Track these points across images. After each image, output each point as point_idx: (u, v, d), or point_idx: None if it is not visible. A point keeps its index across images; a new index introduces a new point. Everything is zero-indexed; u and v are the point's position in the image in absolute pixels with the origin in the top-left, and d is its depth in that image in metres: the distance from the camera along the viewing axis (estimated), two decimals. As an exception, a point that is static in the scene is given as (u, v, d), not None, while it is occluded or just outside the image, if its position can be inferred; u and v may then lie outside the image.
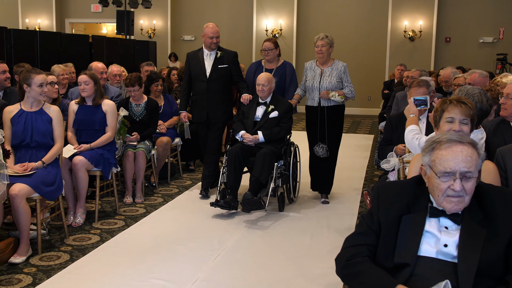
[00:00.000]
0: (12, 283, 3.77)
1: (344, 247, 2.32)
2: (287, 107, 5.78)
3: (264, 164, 5.31)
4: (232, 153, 5.45)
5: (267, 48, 6.14)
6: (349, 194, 6.40)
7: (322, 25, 15.14)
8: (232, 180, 5.41)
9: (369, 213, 2.35)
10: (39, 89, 4.43)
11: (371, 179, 7.27)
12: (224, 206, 5.25)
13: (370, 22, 15.02)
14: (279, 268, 4.14)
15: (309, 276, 4.00)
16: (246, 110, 5.86)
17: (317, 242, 4.71)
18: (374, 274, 2.15)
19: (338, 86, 5.83)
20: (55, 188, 4.42)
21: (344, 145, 9.91)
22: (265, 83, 5.66)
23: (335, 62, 5.96)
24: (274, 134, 5.61)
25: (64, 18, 16.97)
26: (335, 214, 5.55)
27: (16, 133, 4.45)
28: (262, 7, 15.30)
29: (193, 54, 6.30)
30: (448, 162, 2.15)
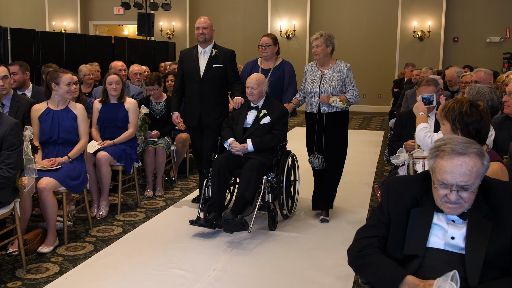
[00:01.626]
0: (40, 271, 3.83)
1: (355, 239, 2.32)
2: (281, 112, 4.96)
3: (250, 178, 4.53)
4: (216, 164, 4.67)
5: (265, 43, 5.36)
6: (360, 188, 6.38)
7: (334, 26, 15.07)
8: (215, 195, 4.61)
9: (380, 206, 2.34)
10: (66, 87, 4.48)
11: (381, 174, 7.23)
12: (204, 225, 4.45)
13: (380, 23, 14.92)
14: (292, 259, 4.14)
15: (321, 267, 3.99)
16: (237, 115, 5.05)
17: (329, 234, 4.70)
18: (384, 264, 2.15)
19: (340, 90, 4.99)
20: (80, 182, 4.46)
21: (355, 141, 9.93)
22: (254, 85, 4.84)
23: (337, 63, 5.10)
24: (265, 143, 4.79)
25: (88, 21, 17.07)
26: (346, 207, 5.52)
27: (44, 131, 4.50)
28: (276, 9, 15.26)
29: (186, 51, 5.53)
30: (446, 174, 2.12)
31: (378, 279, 2.15)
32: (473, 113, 2.72)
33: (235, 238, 4.52)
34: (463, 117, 2.72)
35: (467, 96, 3.40)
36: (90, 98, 5.82)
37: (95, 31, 17.28)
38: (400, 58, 14.59)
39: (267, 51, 5.36)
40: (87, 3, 16.91)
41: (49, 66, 6.28)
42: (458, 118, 2.73)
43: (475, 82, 5.49)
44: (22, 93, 5.15)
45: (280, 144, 4.96)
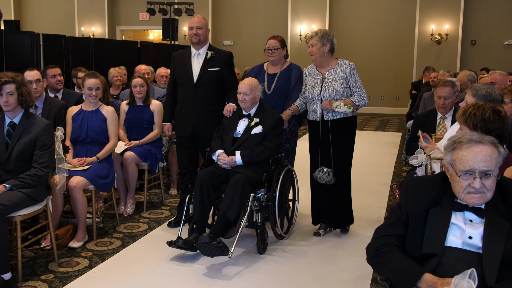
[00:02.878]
0: (71, 265, 3.89)
1: (374, 237, 2.32)
2: (275, 120, 4.29)
3: (234, 195, 3.90)
4: (198, 179, 4.07)
5: (272, 46, 4.72)
6: (378, 188, 6.34)
7: (353, 29, 15.07)
8: (197, 214, 4.03)
9: (398, 206, 2.34)
10: (88, 91, 4.56)
11: (399, 174, 7.18)
12: (183, 247, 3.88)
13: (398, 26, 14.82)
14: (312, 257, 4.14)
15: (340, 265, 3.99)
16: (227, 123, 4.43)
17: (348, 233, 4.69)
18: (403, 262, 2.15)
19: (345, 93, 4.35)
20: (109, 181, 4.53)
21: (373, 142, 9.93)
22: (247, 91, 4.24)
23: (339, 62, 4.42)
24: (255, 155, 4.17)
25: (115, 26, 17.26)
26: (364, 206, 5.50)
27: (74, 130, 4.59)
28: (296, 13, 15.25)
29: (179, 54, 4.84)
30: (468, 161, 2.12)
31: (397, 276, 2.15)
32: (495, 120, 2.70)
33: (215, 263, 3.94)
34: (486, 123, 2.71)
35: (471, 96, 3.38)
36: (118, 100, 5.90)
37: (122, 36, 17.46)
38: (418, 61, 14.49)
39: (274, 55, 4.75)
40: (114, 9, 17.10)
41: (79, 69, 6.38)
42: (480, 124, 2.72)
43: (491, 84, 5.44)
44: (54, 95, 5.25)
45: (273, 156, 4.29)
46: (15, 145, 3.65)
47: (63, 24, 16.93)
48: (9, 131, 3.69)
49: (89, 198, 4.52)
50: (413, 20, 14.55)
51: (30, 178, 3.59)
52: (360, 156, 8.30)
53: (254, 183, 4.11)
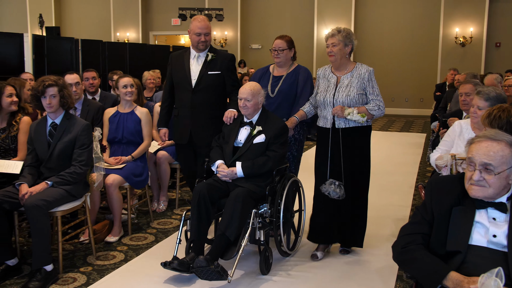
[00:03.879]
0: (108, 258, 3.96)
1: (400, 235, 2.30)
2: (279, 129, 3.79)
3: (234, 212, 3.44)
4: (195, 193, 3.62)
5: (278, 47, 4.19)
6: (402, 188, 6.27)
7: (378, 33, 14.93)
8: (194, 232, 3.58)
9: (423, 205, 2.32)
10: (123, 89, 4.61)
11: (424, 174, 7.08)
12: (178, 269, 3.38)
13: (422, 30, 14.62)
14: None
15: (366, 261, 3.96)
16: (228, 131, 3.96)
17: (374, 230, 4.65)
18: (428, 260, 2.13)
19: (360, 100, 3.82)
20: (143, 178, 4.58)
21: (398, 143, 9.82)
22: (248, 96, 3.75)
23: (357, 66, 3.90)
24: (257, 167, 3.68)
25: (149, 31, 17.47)
26: (391, 205, 5.45)
27: (110, 131, 4.66)
28: (322, 17, 15.18)
29: (177, 55, 4.43)
30: (471, 152, 2.17)
31: (423, 274, 2.12)
32: None
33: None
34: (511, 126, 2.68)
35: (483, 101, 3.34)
36: (151, 102, 5.96)
37: (155, 40, 17.66)
38: (442, 63, 14.27)
39: (280, 56, 4.21)
40: (148, 15, 17.31)
41: (115, 72, 6.48)
42: (506, 127, 2.70)
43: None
44: (92, 97, 5.34)
45: (277, 168, 3.80)
46: (56, 144, 3.73)
47: (100, 29, 17.22)
48: (51, 131, 3.78)
49: (124, 195, 4.58)
50: (437, 24, 14.34)
51: (70, 175, 3.67)
52: (385, 156, 8.26)
53: (256, 197, 3.63)
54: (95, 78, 5.38)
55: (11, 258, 3.54)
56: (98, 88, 5.48)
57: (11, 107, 3.94)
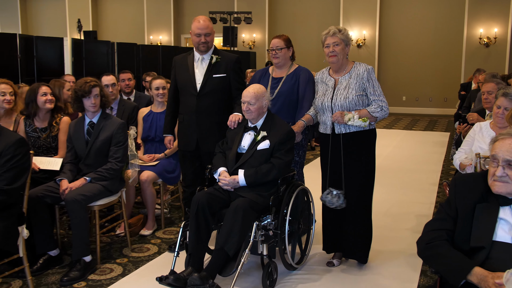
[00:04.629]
0: (142, 250, 4.02)
1: (424, 231, 2.28)
2: (284, 134, 3.42)
3: (233, 225, 3.06)
4: (194, 204, 3.23)
5: (275, 46, 3.93)
6: (426, 185, 6.18)
7: (402, 34, 14.72)
8: (192, 246, 3.21)
9: (447, 202, 2.29)
10: (155, 91, 4.67)
11: (447, 172, 6.97)
12: (173, 285, 2.99)
13: (447, 30, 14.35)
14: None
15: (390, 256, 3.92)
16: (231, 137, 3.60)
17: (397, 224, 4.60)
18: (453, 255, 2.10)
19: (360, 102, 3.44)
20: (175, 175, 4.63)
21: (422, 142, 9.67)
22: (251, 99, 3.41)
23: (355, 66, 3.52)
24: (260, 176, 3.31)
25: (180, 34, 17.61)
26: (414, 202, 5.38)
27: (144, 129, 4.72)
28: (347, 19, 15.05)
29: (180, 59, 4.04)
30: (495, 149, 2.15)
31: (447, 269, 2.10)
32: None
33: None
34: None
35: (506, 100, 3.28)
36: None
37: (186, 43, 17.80)
38: (466, 64, 13.98)
39: (278, 55, 3.92)
40: (179, 19, 17.45)
41: (148, 74, 6.56)
42: None
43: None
44: (127, 98, 5.42)
45: (283, 176, 3.43)
46: (94, 142, 3.80)
47: (134, 33, 17.44)
48: (89, 129, 3.85)
49: (158, 190, 4.63)
50: (461, 25, 14.06)
51: (107, 171, 3.73)
52: (408, 155, 8.16)
53: (259, 208, 3.25)
54: (130, 79, 5.47)
55: (53, 249, 3.63)
56: (133, 89, 5.56)
57: (46, 106, 4.01)
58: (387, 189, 5.94)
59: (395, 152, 8.46)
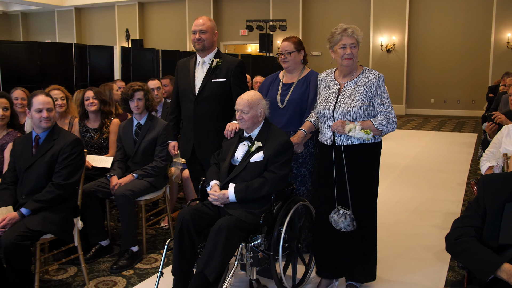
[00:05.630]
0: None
1: (453, 227, 2.23)
2: (280, 145, 2.91)
3: (216, 247, 2.59)
4: (178, 221, 2.77)
5: (284, 50, 3.44)
6: (454, 184, 6.02)
7: (431, 38, 14.40)
8: (174, 266, 2.75)
9: (476, 200, 2.23)
10: None
11: (475, 172, 6.77)
12: None
13: (475, 35, 13.93)
14: (395, 240, 4.00)
15: (418, 252, 3.84)
16: (226, 147, 3.14)
17: (425, 221, 4.51)
18: (482, 252, 2.04)
19: (365, 112, 2.88)
20: (215, 172, 4.65)
21: (450, 142, 9.44)
22: (245, 107, 2.94)
23: (364, 71, 2.95)
24: (251, 191, 2.83)
25: (219, 41, 17.73)
26: (441, 200, 5.25)
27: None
28: (377, 26, 14.83)
29: (183, 62, 3.67)
30: None
31: (476, 264, 2.04)
32: None
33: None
34: None
35: None
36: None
37: (225, 49, 17.92)
38: (494, 67, 13.56)
39: (288, 59, 3.42)
40: (219, 26, 17.58)
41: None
42: None
43: None
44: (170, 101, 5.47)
45: (277, 191, 2.89)
46: (141, 142, 3.87)
47: (177, 41, 17.70)
48: (137, 130, 3.93)
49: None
50: (489, 29, 13.63)
51: (152, 169, 3.80)
52: (437, 155, 7.98)
53: (248, 228, 2.76)
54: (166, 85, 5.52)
55: (104, 239, 3.72)
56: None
57: (89, 108, 4.12)
58: (416, 187, 5.83)
59: (423, 152, 8.29)
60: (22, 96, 4.06)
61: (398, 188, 5.79)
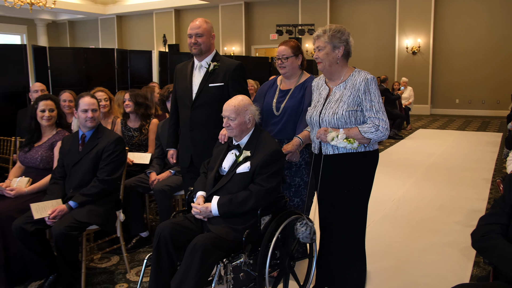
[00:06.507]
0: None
1: (479, 224, 2.17)
2: (269, 155, 2.54)
3: (190, 268, 2.25)
4: (156, 236, 2.46)
5: (281, 54, 3.06)
6: (479, 182, 5.86)
7: (455, 40, 14.03)
8: (151, 283, 2.44)
9: (502, 197, 2.17)
10: None
11: (500, 170, 6.56)
12: None
13: (499, 36, 13.48)
14: (420, 236, 3.94)
15: (443, 247, 3.76)
16: (215, 155, 2.78)
17: (450, 218, 4.41)
18: (507, 248, 1.99)
19: (351, 119, 2.49)
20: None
21: (475, 141, 9.19)
22: (231, 114, 2.61)
23: (354, 74, 2.56)
24: (235, 205, 2.47)
25: (251, 45, 17.78)
26: (466, 198, 5.12)
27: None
28: (403, 28, 14.55)
29: (181, 66, 3.31)
30: None
31: (503, 260, 1.99)
32: None
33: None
34: None
35: None
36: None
37: (255, 53, 17.95)
38: (520, 67, 13.13)
39: (284, 65, 3.05)
40: (250, 31, 17.63)
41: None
42: None
43: None
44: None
45: (263, 206, 2.51)
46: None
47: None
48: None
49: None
50: (515, 30, 13.20)
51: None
52: (462, 154, 7.78)
53: (229, 246, 2.39)
54: None
55: (143, 231, 3.80)
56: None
57: (126, 109, 4.19)
58: (440, 185, 5.70)
59: (448, 151, 8.10)
60: (70, 98, 4.18)
61: (423, 185, 5.67)
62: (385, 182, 5.69)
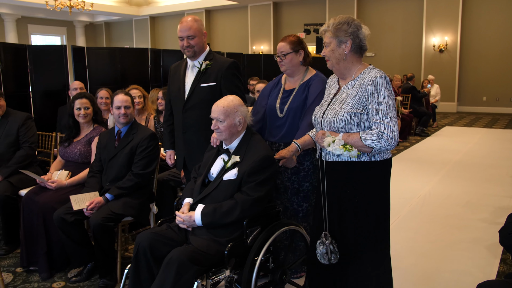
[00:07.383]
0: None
1: (507, 221, 2.11)
2: (258, 162, 2.27)
3: (163, 284, 2.03)
4: (135, 246, 2.26)
5: (280, 51, 2.76)
6: (506, 180, 5.68)
7: (483, 38, 13.60)
8: None
9: (530, 196, 2.10)
10: (258, 93, 4.75)
11: (528, 168, 6.35)
12: None
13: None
14: (445, 233, 3.85)
15: (469, 244, 3.66)
16: (205, 160, 2.54)
17: (476, 215, 4.29)
18: None
19: (354, 123, 2.02)
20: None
21: (502, 139, 8.89)
22: (219, 116, 2.35)
23: (365, 72, 2.10)
24: (219, 216, 2.22)
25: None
26: (492, 195, 4.97)
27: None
28: (430, 26, 14.20)
29: (175, 66, 3.08)
30: None
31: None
32: None
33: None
34: None
35: None
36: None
37: (283, 52, 17.88)
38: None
39: (283, 63, 2.76)
40: (278, 30, 17.57)
41: (252, 78, 6.67)
42: None
43: None
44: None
45: (249, 217, 2.25)
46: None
47: (240, 44, 17.88)
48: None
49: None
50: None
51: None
52: (489, 151, 7.56)
53: (210, 261, 2.14)
54: None
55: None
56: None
57: (160, 107, 4.26)
58: (467, 182, 5.56)
59: (475, 148, 7.87)
60: (106, 95, 4.26)
61: (450, 182, 5.54)
62: (411, 179, 5.58)
